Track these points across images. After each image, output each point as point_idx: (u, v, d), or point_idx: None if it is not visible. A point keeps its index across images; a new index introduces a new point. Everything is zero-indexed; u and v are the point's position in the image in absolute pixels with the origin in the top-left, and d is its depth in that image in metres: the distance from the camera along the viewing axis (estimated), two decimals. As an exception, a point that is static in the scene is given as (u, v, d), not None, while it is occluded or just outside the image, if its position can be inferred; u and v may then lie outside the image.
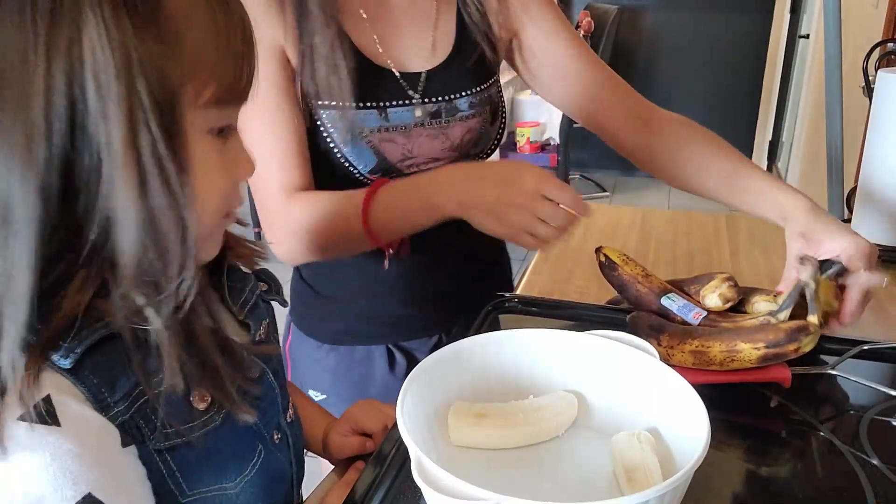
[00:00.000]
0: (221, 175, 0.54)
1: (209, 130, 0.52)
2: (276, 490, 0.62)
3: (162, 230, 0.48)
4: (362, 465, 0.72)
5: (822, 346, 0.82)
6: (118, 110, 0.45)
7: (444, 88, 0.91)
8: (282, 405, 0.64)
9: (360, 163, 0.88)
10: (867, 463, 0.64)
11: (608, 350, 0.65)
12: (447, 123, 0.92)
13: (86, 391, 0.47)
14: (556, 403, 0.65)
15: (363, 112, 0.86)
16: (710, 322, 0.81)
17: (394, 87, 0.89)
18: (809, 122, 3.02)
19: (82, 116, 0.45)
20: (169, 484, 0.53)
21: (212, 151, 0.52)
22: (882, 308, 0.94)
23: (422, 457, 0.50)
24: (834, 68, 1.32)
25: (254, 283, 0.65)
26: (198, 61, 0.48)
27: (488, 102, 0.95)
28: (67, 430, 0.46)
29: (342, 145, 0.87)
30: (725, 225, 1.26)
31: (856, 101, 1.43)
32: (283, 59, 0.85)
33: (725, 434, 0.69)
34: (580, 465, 0.62)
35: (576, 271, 1.08)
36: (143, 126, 0.46)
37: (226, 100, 0.51)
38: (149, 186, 0.46)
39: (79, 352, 0.47)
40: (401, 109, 0.89)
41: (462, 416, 0.63)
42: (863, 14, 2.35)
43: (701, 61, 4.23)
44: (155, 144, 0.46)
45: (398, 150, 0.89)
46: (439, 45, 0.93)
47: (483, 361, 0.66)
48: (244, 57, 0.51)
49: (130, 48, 0.44)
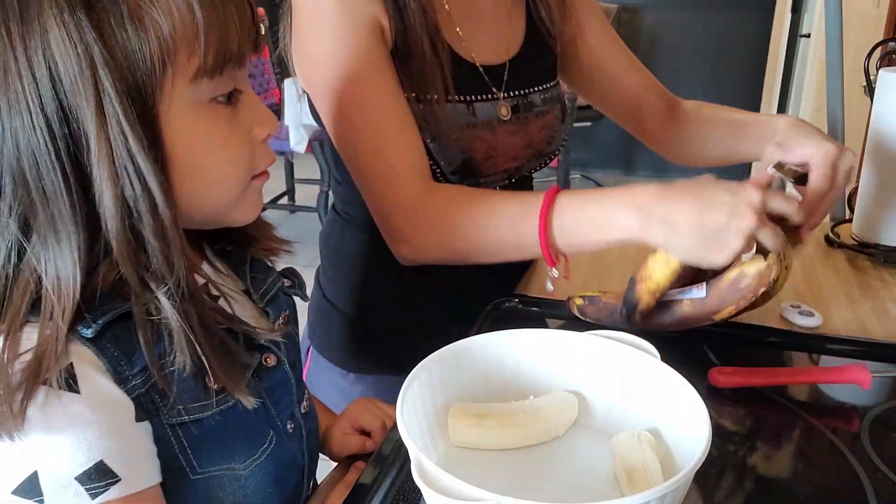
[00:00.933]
0: (236, 142, 0.54)
1: (211, 100, 0.52)
2: (287, 479, 0.62)
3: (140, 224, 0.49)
4: (363, 465, 0.72)
5: (823, 345, 0.82)
6: (88, 107, 0.46)
7: (521, 82, 0.91)
8: (296, 396, 0.65)
9: (445, 159, 0.85)
10: (868, 463, 0.64)
11: (608, 350, 0.65)
12: (525, 119, 0.91)
13: (106, 362, 0.49)
14: (556, 403, 0.65)
15: (453, 106, 0.84)
16: None
17: (478, 80, 0.88)
18: (810, 122, 3.02)
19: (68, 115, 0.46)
20: (180, 460, 0.54)
21: (217, 121, 0.53)
22: (882, 308, 0.94)
23: (421, 457, 0.50)
24: (835, 68, 1.32)
25: (276, 276, 0.66)
26: (171, 41, 0.48)
27: (558, 100, 0.96)
28: (86, 399, 0.48)
29: (429, 141, 0.83)
30: (726, 225, 1.26)
31: (857, 100, 1.43)
32: (384, 36, 0.80)
33: (726, 434, 0.69)
34: (580, 466, 0.62)
35: (576, 271, 1.07)
36: (114, 121, 0.47)
37: (217, 68, 0.51)
38: (122, 181, 0.48)
39: (101, 322, 0.49)
40: (486, 104, 0.88)
41: (462, 416, 0.63)
42: (864, 13, 2.35)
43: (701, 61, 4.23)
44: (126, 139, 0.47)
45: (483, 147, 0.87)
46: (512, 39, 0.93)
47: (483, 361, 0.66)
48: (228, 20, 0.50)
49: (91, 44, 0.45)
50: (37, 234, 0.48)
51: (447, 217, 0.78)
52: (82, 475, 0.47)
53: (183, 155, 0.51)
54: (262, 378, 0.60)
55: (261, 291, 0.63)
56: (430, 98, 0.82)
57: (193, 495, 0.55)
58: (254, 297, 0.62)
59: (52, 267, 0.48)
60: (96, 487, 0.48)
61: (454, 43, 0.86)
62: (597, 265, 1.09)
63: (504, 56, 0.91)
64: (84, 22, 0.45)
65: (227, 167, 0.54)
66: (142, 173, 0.48)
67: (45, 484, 0.47)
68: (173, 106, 0.49)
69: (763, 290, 0.73)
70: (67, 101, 0.46)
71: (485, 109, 0.87)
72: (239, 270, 0.63)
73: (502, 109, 0.88)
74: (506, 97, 0.89)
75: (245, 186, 0.56)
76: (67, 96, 0.46)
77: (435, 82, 0.81)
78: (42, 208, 0.47)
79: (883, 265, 1.06)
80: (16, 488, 0.47)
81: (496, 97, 0.88)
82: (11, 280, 0.49)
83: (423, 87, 0.81)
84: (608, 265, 1.09)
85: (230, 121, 0.54)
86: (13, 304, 0.48)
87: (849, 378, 0.73)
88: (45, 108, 0.46)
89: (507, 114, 0.89)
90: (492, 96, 0.88)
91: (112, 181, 0.47)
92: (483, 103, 0.87)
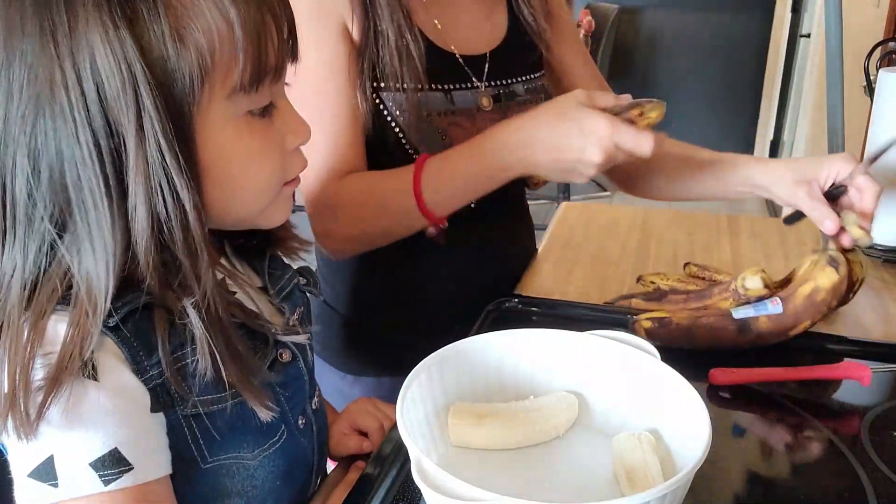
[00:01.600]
0: (269, 153, 0.55)
1: (247, 114, 0.52)
2: (296, 474, 0.63)
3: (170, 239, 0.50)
4: (363, 465, 0.72)
5: (824, 345, 0.82)
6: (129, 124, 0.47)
7: (503, 72, 0.93)
8: (308, 392, 0.65)
9: (427, 148, 0.86)
10: (868, 463, 0.64)
11: (608, 350, 0.65)
12: (506, 108, 0.92)
13: (126, 351, 0.50)
14: (556, 403, 0.65)
15: (430, 94, 0.86)
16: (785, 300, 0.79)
17: (457, 70, 0.90)
18: (810, 122, 3.02)
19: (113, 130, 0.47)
20: (192, 450, 0.54)
21: (252, 133, 0.54)
22: (882, 308, 0.94)
23: (421, 457, 0.50)
24: (835, 68, 1.32)
25: (292, 273, 0.67)
26: (210, 58, 0.49)
27: (542, 91, 0.97)
28: (105, 387, 0.49)
29: (408, 129, 0.86)
30: (726, 224, 1.26)
31: (857, 100, 1.43)
32: (349, 40, 0.84)
33: (726, 434, 0.69)
34: (580, 466, 0.62)
35: (576, 271, 1.08)
36: (152, 138, 0.48)
37: (254, 84, 0.51)
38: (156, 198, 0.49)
39: (124, 312, 0.49)
40: (465, 93, 0.89)
41: (462, 416, 0.63)
42: (864, 13, 2.35)
43: (701, 61, 4.23)
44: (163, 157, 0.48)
45: (463, 134, 0.88)
46: (493, 30, 0.95)
47: (483, 361, 0.66)
48: (266, 37, 0.51)
49: (133, 62, 0.46)
50: (71, 238, 0.49)
51: (351, 208, 0.84)
52: (97, 461, 0.48)
53: (217, 167, 0.52)
54: (278, 373, 0.60)
55: (277, 287, 0.64)
56: (406, 87, 0.84)
57: (203, 484, 0.56)
58: (270, 292, 0.63)
59: (85, 271, 0.49)
60: (110, 474, 0.49)
61: (432, 34, 0.88)
62: (597, 265, 1.09)
63: (485, 47, 0.93)
64: (128, 39, 0.46)
65: (260, 177, 0.55)
66: (176, 191, 0.49)
67: (61, 468, 0.48)
68: (209, 121, 0.50)
69: (836, 304, 0.77)
70: (112, 116, 0.47)
71: (464, 98, 0.89)
72: (257, 266, 0.64)
73: (483, 99, 0.90)
74: (487, 86, 0.91)
75: (277, 193, 0.57)
76: (112, 112, 0.47)
77: (409, 71, 0.84)
78: (80, 215, 0.48)
79: (883, 265, 1.06)
80: (32, 471, 0.48)
81: (476, 86, 0.90)
82: (42, 278, 0.49)
83: (397, 76, 0.84)
84: (609, 265, 1.09)
85: (265, 132, 0.54)
86: (39, 301, 0.49)
87: (848, 374, 0.73)
88: (93, 122, 0.47)
89: (489, 103, 0.91)
90: (471, 85, 0.90)
91: (146, 197, 0.48)
92: (462, 91, 0.89)
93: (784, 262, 1.09)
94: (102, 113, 0.47)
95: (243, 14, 0.49)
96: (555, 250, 1.15)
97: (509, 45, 0.95)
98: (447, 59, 0.89)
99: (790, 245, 1.15)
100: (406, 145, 0.86)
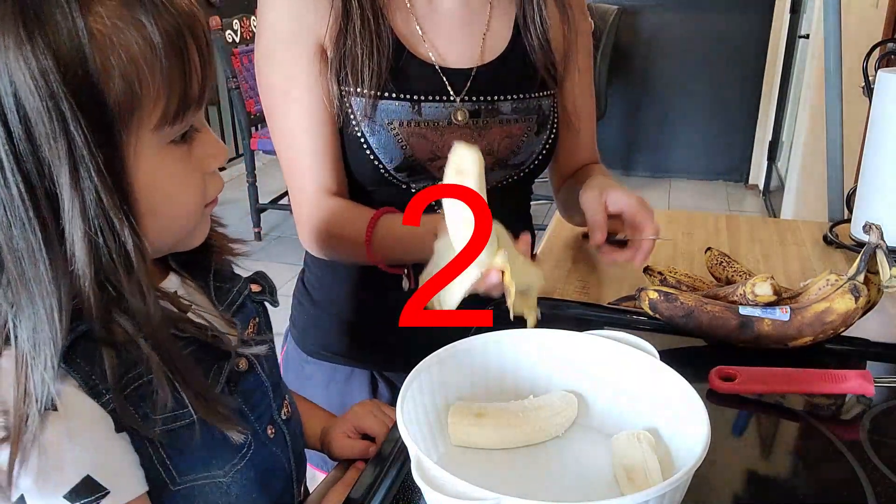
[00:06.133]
0: (192, 177, 0.55)
1: (170, 143, 0.52)
2: (272, 485, 0.62)
3: (114, 277, 0.49)
4: (363, 465, 0.72)
5: (823, 345, 0.82)
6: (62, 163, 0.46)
7: (488, 89, 0.89)
8: (275, 401, 0.64)
9: (386, 156, 0.86)
10: (868, 463, 0.64)
11: (608, 350, 0.65)
12: (485, 125, 0.89)
13: (79, 378, 0.49)
14: (556, 403, 0.65)
15: (394, 103, 0.85)
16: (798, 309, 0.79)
17: (433, 81, 0.87)
18: (809, 123, 3.02)
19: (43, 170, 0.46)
20: (160, 471, 0.53)
21: (176, 161, 0.53)
22: (882, 308, 0.94)
23: (422, 457, 0.50)
24: (834, 68, 1.32)
25: (242, 284, 0.66)
26: (139, 88, 0.48)
27: (536, 112, 0.92)
28: (64, 415, 0.48)
29: (369, 135, 0.85)
30: (725, 225, 1.26)
31: (855, 100, 1.43)
32: (324, 58, 0.85)
33: (725, 434, 0.69)
34: (580, 465, 0.62)
35: (576, 270, 1.08)
36: (86, 175, 0.47)
37: (178, 114, 0.51)
38: (97, 238, 0.48)
39: (70, 339, 0.48)
40: (437, 105, 0.87)
41: (462, 416, 0.63)
42: (863, 14, 2.35)
43: (701, 61, 4.22)
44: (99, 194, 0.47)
45: (427, 148, 0.87)
46: (489, 46, 0.91)
47: (483, 361, 0.66)
48: (190, 69, 0.50)
49: (61, 98, 0.45)
50: (8, 293, 0.47)
51: (327, 231, 0.88)
52: (71, 493, 0.47)
53: (147, 198, 0.51)
54: (237, 383, 0.59)
55: (226, 302, 0.63)
56: (367, 92, 0.84)
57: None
58: (219, 309, 0.61)
59: (25, 330, 0.47)
60: (88, 503, 0.48)
61: (410, 42, 0.87)
62: (597, 265, 1.09)
63: (475, 61, 0.90)
64: (51, 72, 0.45)
65: (189, 204, 0.55)
66: (115, 231, 0.48)
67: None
68: (138, 153, 0.50)
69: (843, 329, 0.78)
70: (42, 154, 0.45)
71: (435, 110, 0.87)
72: (202, 282, 0.63)
73: (458, 113, 0.88)
74: (465, 101, 0.88)
75: (201, 213, 0.57)
76: (41, 150, 0.45)
77: (371, 76, 0.84)
78: (14, 267, 0.46)
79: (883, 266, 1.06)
80: None
81: (451, 100, 0.88)
82: None
83: (361, 80, 0.84)
84: (607, 265, 1.09)
85: (186, 158, 0.54)
86: None
87: (852, 388, 0.73)
88: (22, 162, 0.45)
89: (464, 118, 0.88)
90: (446, 98, 0.88)
91: (86, 238, 0.47)
92: (434, 103, 0.87)
93: (782, 263, 1.09)
94: (33, 152, 0.45)
95: (167, 41, 0.48)
96: (555, 250, 1.15)
97: (506, 60, 0.91)
98: (423, 68, 0.87)
99: (788, 246, 1.15)
100: (370, 154, 0.86)
